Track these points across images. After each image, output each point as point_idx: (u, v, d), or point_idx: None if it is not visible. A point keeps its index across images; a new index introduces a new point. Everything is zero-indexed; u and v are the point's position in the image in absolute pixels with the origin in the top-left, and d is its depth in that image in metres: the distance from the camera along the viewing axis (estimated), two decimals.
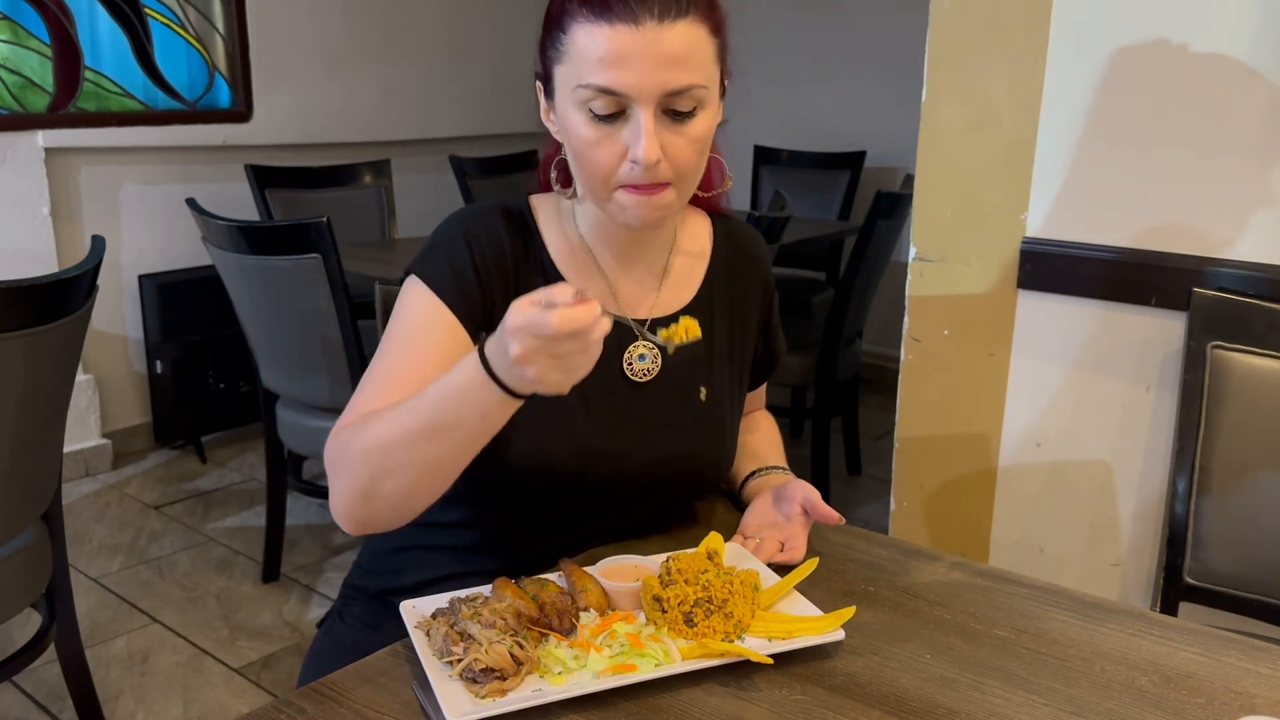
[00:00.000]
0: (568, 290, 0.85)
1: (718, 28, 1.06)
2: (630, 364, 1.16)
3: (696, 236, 1.24)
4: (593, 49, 1.00)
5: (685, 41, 1.01)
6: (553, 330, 0.83)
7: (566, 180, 1.15)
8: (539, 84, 1.11)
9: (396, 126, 4.31)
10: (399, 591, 1.13)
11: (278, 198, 3.50)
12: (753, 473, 1.30)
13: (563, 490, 1.14)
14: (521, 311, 0.85)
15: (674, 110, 1.02)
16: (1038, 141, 1.73)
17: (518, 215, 1.16)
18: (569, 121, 1.05)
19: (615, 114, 1.02)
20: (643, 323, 1.17)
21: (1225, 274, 1.58)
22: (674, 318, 1.16)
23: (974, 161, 1.80)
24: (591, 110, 1.02)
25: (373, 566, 1.27)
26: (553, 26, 1.05)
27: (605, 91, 1.00)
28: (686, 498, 1.27)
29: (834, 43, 4.64)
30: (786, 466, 1.33)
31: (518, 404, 0.93)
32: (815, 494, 1.15)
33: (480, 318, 1.10)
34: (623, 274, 1.18)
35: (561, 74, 1.05)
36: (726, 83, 1.11)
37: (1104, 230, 1.70)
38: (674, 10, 1.00)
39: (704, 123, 1.05)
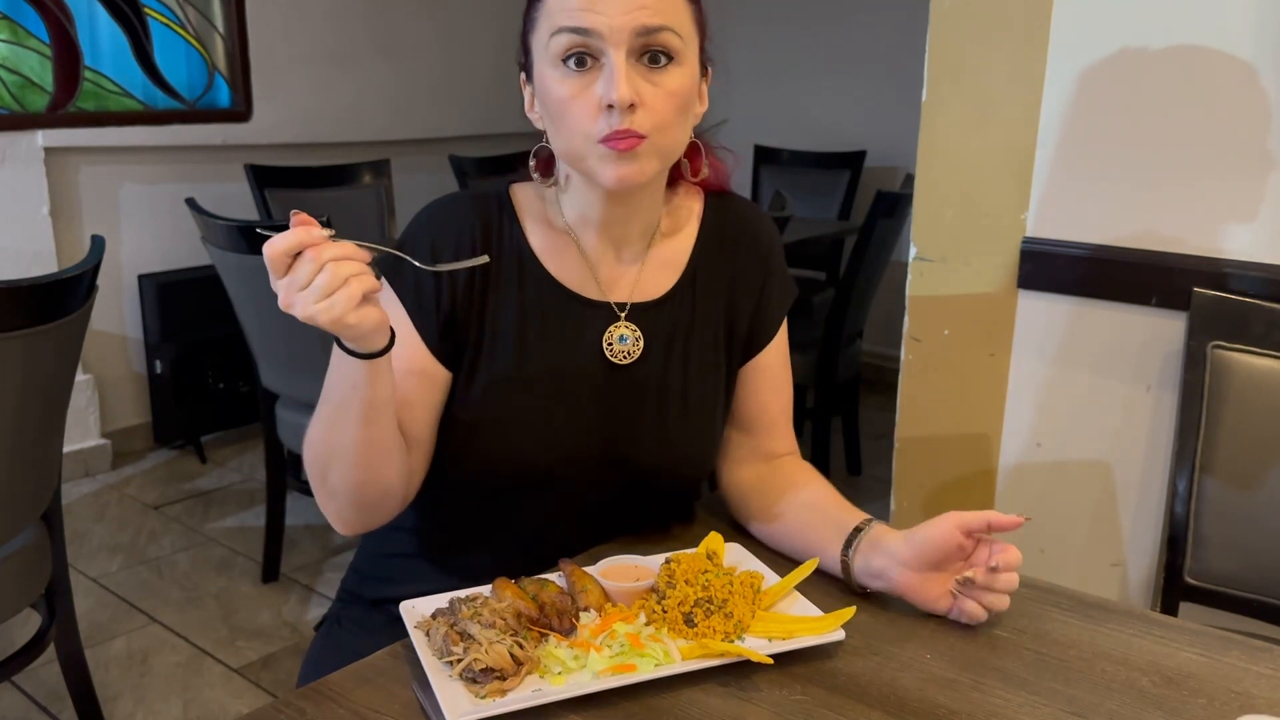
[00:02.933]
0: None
1: None
2: (610, 345, 1.13)
3: (685, 217, 1.20)
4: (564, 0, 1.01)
5: None
6: (269, 263, 0.88)
7: (546, 169, 1.14)
8: (522, 76, 1.11)
9: (396, 126, 4.30)
10: (394, 602, 1.12)
11: (277, 197, 3.50)
12: (854, 534, 1.08)
13: (543, 487, 1.12)
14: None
15: (648, 54, 1.01)
16: (1038, 141, 1.73)
17: (494, 203, 1.14)
18: (545, 84, 1.04)
19: (587, 60, 1.01)
20: (623, 306, 1.14)
21: (1225, 274, 1.58)
22: (657, 302, 1.16)
23: (974, 161, 1.80)
24: (564, 62, 1.01)
25: (368, 572, 1.26)
26: (530, 7, 1.06)
27: (575, 31, 0.99)
28: (667, 491, 1.22)
29: (834, 43, 4.64)
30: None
31: (378, 361, 0.94)
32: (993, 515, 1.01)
33: (438, 320, 1.09)
34: (604, 257, 1.15)
35: (537, 41, 1.05)
36: (710, 67, 1.11)
37: (1105, 230, 1.70)
38: None
39: (681, 78, 1.03)
